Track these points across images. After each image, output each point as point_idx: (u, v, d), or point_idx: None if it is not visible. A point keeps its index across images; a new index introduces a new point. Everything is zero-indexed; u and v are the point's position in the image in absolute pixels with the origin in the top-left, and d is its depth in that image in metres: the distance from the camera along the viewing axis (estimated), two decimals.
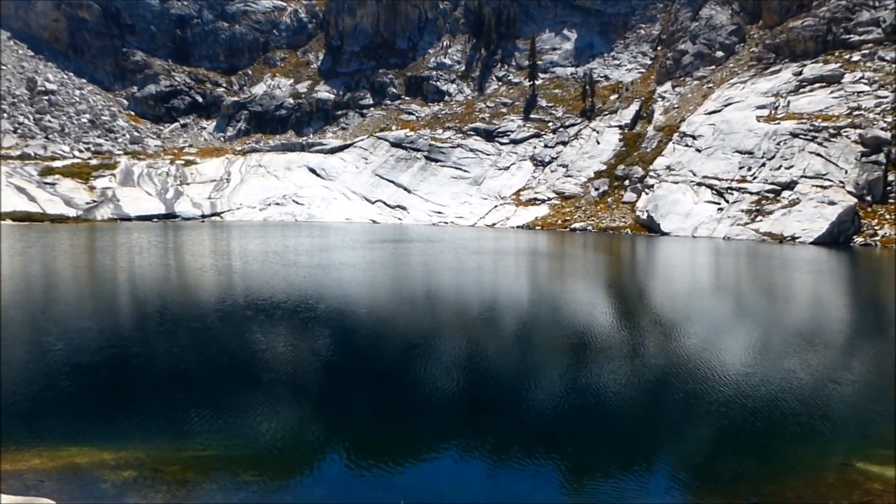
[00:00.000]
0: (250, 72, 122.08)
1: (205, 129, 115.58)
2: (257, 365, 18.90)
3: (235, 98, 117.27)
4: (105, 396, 15.70)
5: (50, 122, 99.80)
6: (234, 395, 15.88)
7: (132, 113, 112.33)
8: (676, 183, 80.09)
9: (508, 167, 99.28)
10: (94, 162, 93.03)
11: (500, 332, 24.69)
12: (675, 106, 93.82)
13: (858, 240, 66.35)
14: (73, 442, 12.72)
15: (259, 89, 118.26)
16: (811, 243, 65.77)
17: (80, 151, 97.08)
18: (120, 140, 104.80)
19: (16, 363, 17.92)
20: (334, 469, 12.06)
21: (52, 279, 35.44)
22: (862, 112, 73.82)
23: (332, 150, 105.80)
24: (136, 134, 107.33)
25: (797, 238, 66.85)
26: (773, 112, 79.81)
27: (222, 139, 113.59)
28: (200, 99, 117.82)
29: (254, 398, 15.70)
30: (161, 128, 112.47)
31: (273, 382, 17.31)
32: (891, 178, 69.24)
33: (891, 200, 68.86)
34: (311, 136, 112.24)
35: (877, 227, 66.80)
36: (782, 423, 14.75)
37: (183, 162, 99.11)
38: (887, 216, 67.49)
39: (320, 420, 14.67)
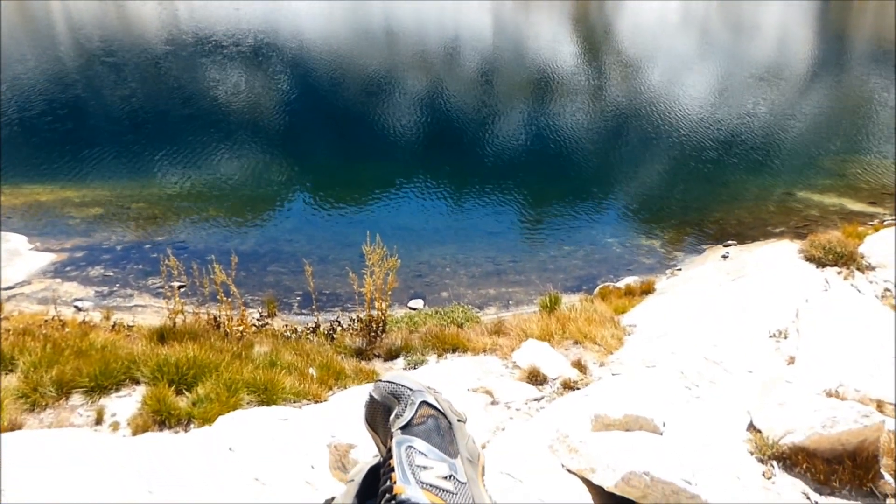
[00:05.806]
0: None
1: None
2: (214, 105, 18.33)
3: None
4: (61, 137, 15.26)
5: None
6: (193, 136, 15.58)
7: None
8: None
9: None
10: None
11: (461, 68, 24.02)
12: None
13: None
14: (35, 181, 12.60)
15: None
16: None
17: None
18: None
19: None
20: (300, 205, 12.32)
21: None
22: None
23: None
24: None
25: None
26: None
27: None
28: None
29: (214, 138, 15.45)
30: None
31: (232, 123, 16.92)
32: None
33: None
34: None
35: None
36: (733, 157, 15.26)
37: None
38: None
39: (283, 159, 14.64)
